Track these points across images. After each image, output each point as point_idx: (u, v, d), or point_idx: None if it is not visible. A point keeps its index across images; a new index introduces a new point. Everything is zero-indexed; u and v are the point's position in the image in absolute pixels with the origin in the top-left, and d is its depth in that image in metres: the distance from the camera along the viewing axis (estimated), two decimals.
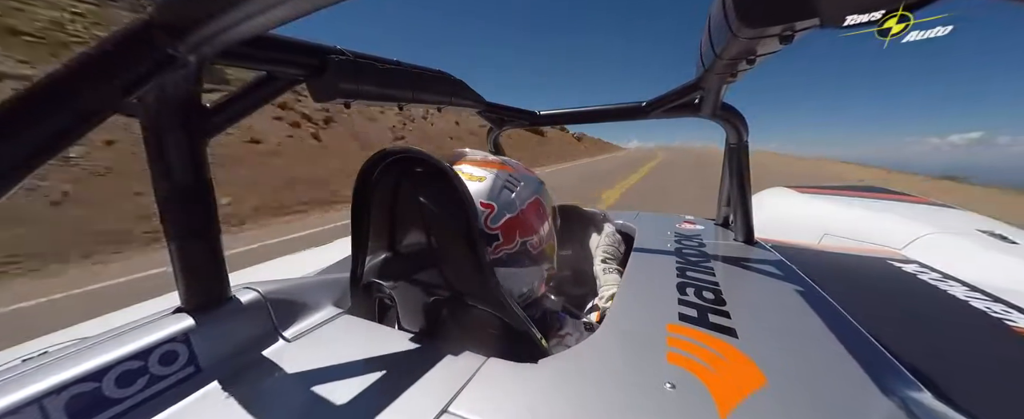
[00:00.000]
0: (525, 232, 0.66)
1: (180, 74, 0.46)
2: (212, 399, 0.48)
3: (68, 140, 0.33)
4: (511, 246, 0.64)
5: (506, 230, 0.63)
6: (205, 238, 0.56)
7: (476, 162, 0.68)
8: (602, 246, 0.97)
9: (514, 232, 0.64)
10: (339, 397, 0.47)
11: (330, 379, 0.50)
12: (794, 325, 0.63)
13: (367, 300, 0.70)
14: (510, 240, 0.64)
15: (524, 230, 0.65)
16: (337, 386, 0.49)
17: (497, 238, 0.63)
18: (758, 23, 0.43)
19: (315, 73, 0.61)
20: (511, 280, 0.65)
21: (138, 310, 0.94)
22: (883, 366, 0.54)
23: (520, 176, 0.69)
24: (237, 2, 0.34)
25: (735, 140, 1.04)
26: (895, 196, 2.19)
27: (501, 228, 0.63)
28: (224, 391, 0.49)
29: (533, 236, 0.67)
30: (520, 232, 0.65)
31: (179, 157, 0.51)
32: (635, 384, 0.47)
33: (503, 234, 0.63)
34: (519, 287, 0.67)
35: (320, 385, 0.49)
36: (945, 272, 1.15)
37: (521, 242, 0.65)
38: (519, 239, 0.65)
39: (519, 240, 0.65)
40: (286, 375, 0.52)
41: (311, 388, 0.49)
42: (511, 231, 0.64)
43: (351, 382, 0.50)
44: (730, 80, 0.73)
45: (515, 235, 0.64)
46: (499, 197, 0.63)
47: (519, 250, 0.65)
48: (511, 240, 0.64)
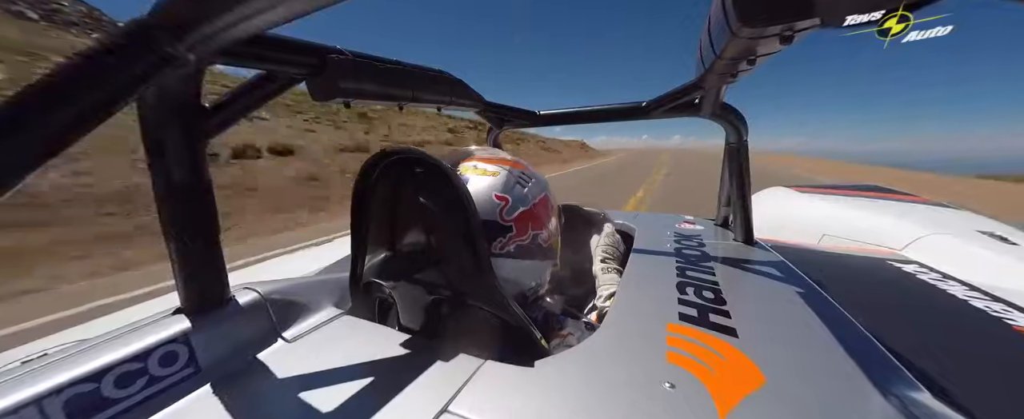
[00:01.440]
0: (537, 225, 0.68)
1: (180, 74, 0.46)
2: (212, 400, 0.48)
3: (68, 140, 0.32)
4: (524, 238, 0.66)
5: (519, 222, 0.65)
6: (205, 238, 0.55)
7: (487, 159, 0.70)
8: (601, 246, 0.98)
9: (527, 225, 0.66)
10: (339, 397, 0.47)
11: (330, 380, 0.50)
12: (794, 325, 0.63)
13: (367, 300, 0.70)
14: (523, 232, 0.66)
15: (536, 224, 0.68)
16: (337, 387, 0.49)
17: (511, 230, 0.64)
18: (758, 23, 0.43)
19: (315, 72, 0.60)
20: (521, 273, 0.67)
21: (138, 311, 0.94)
22: (883, 366, 0.54)
23: (531, 173, 0.72)
24: (237, 2, 0.34)
25: (735, 140, 1.04)
26: (895, 196, 2.19)
27: (515, 220, 0.65)
28: (224, 392, 0.49)
29: (543, 230, 0.70)
30: (532, 225, 0.67)
31: (179, 157, 0.50)
32: (635, 384, 0.47)
33: (516, 226, 0.65)
34: (528, 281, 0.69)
35: (320, 386, 0.49)
36: (945, 272, 1.15)
37: (533, 235, 0.67)
38: (531, 232, 0.67)
39: (531, 232, 0.67)
40: (286, 376, 0.52)
41: (311, 389, 0.49)
42: (524, 224, 0.66)
43: (351, 382, 0.50)
44: (730, 80, 0.73)
45: (527, 228, 0.66)
46: (513, 191, 0.66)
47: (530, 243, 0.67)
48: (524, 232, 0.66)
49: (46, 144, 0.31)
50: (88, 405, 0.42)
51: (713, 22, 0.54)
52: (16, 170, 0.30)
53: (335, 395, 0.47)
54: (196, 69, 0.48)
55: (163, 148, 0.50)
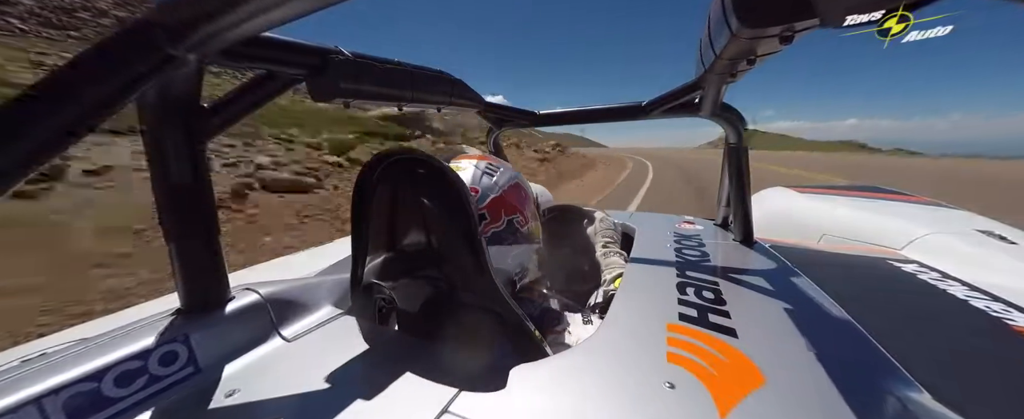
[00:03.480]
0: (509, 210, 0.71)
1: (180, 74, 0.46)
2: (212, 400, 0.48)
3: (69, 140, 0.33)
4: (498, 224, 0.69)
5: (492, 209, 0.68)
6: (205, 239, 0.55)
7: (455, 156, 0.75)
8: (600, 232, 0.99)
9: (499, 211, 0.69)
10: (339, 398, 0.47)
11: (330, 380, 0.50)
12: (793, 325, 0.63)
13: (367, 301, 0.70)
14: (496, 218, 0.68)
15: (508, 209, 0.70)
16: (337, 387, 0.49)
17: (484, 217, 0.66)
18: (758, 23, 0.43)
19: (315, 73, 0.60)
20: (504, 258, 0.69)
21: (138, 311, 0.94)
22: (882, 366, 0.54)
23: (498, 164, 0.75)
24: (237, 2, 0.34)
25: (735, 140, 1.04)
26: (894, 196, 2.19)
27: (487, 208, 0.67)
28: (223, 392, 0.49)
29: (518, 214, 0.72)
30: (505, 211, 0.70)
31: (178, 157, 0.50)
32: (635, 384, 0.47)
33: (489, 213, 0.67)
34: (514, 265, 0.71)
35: (320, 386, 0.49)
36: (944, 272, 1.15)
37: (507, 220, 0.70)
38: (505, 217, 0.70)
39: (505, 218, 0.70)
40: (286, 376, 0.52)
41: (311, 389, 0.49)
42: (496, 210, 0.68)
43: (351, 383, 0.50)
44: (730, 80, 0.73)
45: (500, 213, 0.69)
46: (480, 181, 0.69)
47: (507, 228, 0.70)
48: (497, 218, 0.69)
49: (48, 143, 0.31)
50: (88, 404, 0.42)
51: (713, 22, 0.54)
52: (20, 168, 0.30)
53: (335, 395, 0.47)
54: (196, 69, 0.48)
55: (163, 148, 0.50)
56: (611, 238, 0.99)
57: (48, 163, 0.33)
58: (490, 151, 1.37)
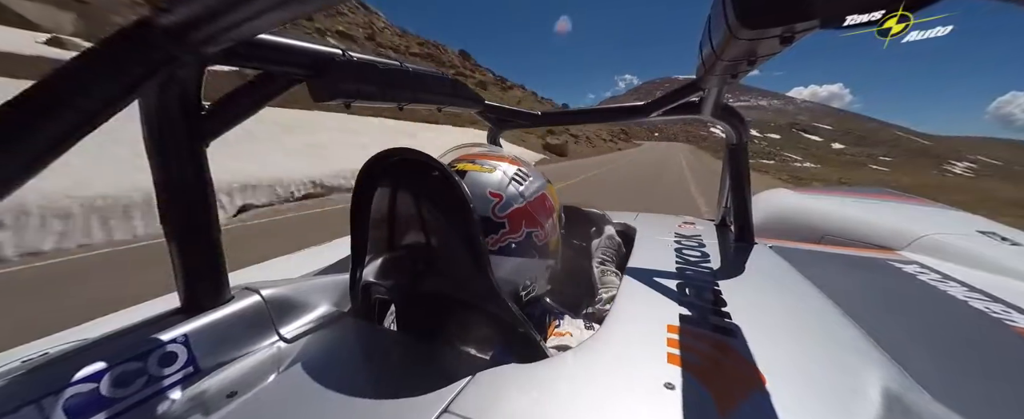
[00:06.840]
0: (531, 224, 0.67)
1: (181, 74, 0.46)
2: (211, 400, 0.48)
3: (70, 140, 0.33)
4: (517, 235, 0.66)
5: (513, 219, 0.65)
6: (205, 239, 0.55)
7: (486, 156, 0.71)
8: (600, 248, 0.98)
9: (520, 222, 0.66)
10: (338, 398, 0.47)
11: (329, 380, 0.50)
12: (793, 326, 0.63)
13: (366, 301, 0.70)
14: (516, 229, 0.65)
15: (530, 221, 0.67)
16: (336, 387, 0.49)
17: (503, 226, 0.64)
18: (758, 24, 0.43)
19: (315, 73, 0.61)
20: (516, 271, 0.67)
21: (138, 311, 0.94)
22: (882, 367, 0.54)
23: (528, 172, 0.72)
24: (238, 3, 0.34)
25: (735, 140, 1.04)
26: (895, 196, 2.19)
27: (508, 217, 0.64)
28: (223, 392, 0.49)
29: (539, 228, 0.69)
30: (526, 223, 0.67)
31: (179, 157, 0.50)
32: (635, 384, 0.47)
33: (509, 222, 0.65)
34: (523, 279, 0.69)
35: (319, 386, 0.49)
36: (945, 272, 1.14)
37: (527, 233, 0.67)
38: (525, 229, 0.66)
39: (525, 230, 0.66)
40: (285, 376, 0.52)
41: (310, 389, 0.49)
42: (517, 220, 0.65)
43: (350, 383, 0.50)
44: (731, 80, 0.73)
45: (521, 225, 0.66)
46: (507, 188, 0.66)
47: (525, 241, 0.67)
48: (517, 229, 0.66)
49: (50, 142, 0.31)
50: (88, 404, 0.42)
51: (713, 23, 0.54)
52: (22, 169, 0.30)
53: (334, 395, 0.47)
54: (197, 70, 0.48)
55: (164, 148, 0.50)
56: (608, 257, 0.97)
57: (53, 162, 0.33)
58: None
